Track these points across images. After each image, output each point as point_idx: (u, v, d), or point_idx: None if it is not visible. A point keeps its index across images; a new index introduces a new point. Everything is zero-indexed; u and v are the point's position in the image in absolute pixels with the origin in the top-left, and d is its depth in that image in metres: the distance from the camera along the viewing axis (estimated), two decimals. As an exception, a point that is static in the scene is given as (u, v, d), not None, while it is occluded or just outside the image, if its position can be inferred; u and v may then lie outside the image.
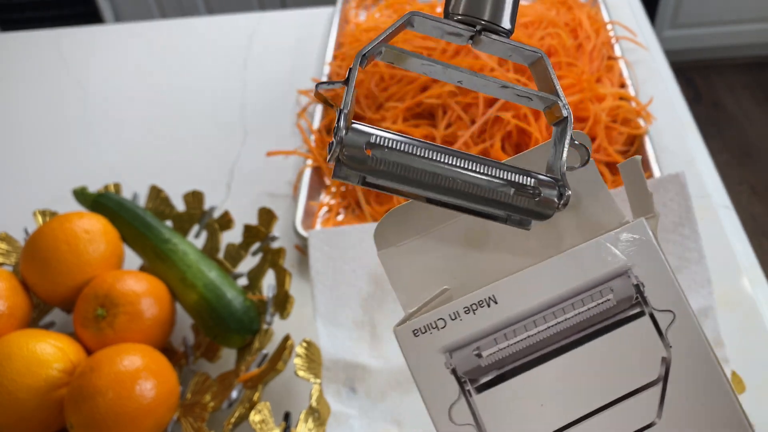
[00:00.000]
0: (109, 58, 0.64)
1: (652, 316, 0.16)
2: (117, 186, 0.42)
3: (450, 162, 0.16)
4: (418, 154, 0.16)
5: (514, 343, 0.16)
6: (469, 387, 0.16)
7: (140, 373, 0.31)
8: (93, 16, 1.27)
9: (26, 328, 0.36)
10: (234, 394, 0.32)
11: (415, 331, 0.16)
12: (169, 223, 0.41)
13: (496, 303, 0.16)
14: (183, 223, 0.41)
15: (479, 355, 0.16)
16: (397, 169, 0.16)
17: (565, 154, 0.16)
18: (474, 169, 0.16)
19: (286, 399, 0.35)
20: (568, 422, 0.16)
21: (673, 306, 0.16)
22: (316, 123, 0.50)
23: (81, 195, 0.41)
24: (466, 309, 0.16)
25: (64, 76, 0.62)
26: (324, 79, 0.54)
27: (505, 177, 0.16)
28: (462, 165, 0.16)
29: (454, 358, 0.16)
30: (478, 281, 0.17)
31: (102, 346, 0.33)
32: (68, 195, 0.43)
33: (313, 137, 0.49)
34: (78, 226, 0.36)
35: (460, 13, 0.18)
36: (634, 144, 0.45)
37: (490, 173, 0.16)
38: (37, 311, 0.39)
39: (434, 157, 0.16)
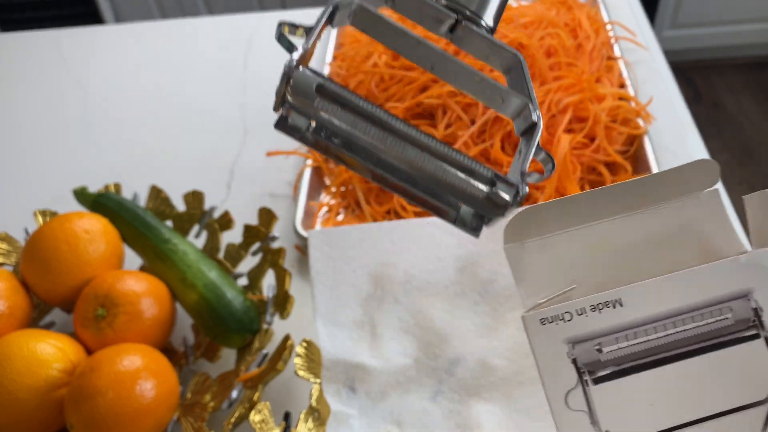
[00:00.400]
0: (109, 58, 0.64)
1: (767, 340, 0.17)
2: (117, 186, 0.42)
3: (403, 130, 0.15)
4: (369, 110, 0.14)
5: (634, 344, 0.17)
6: (587, 377, 0.17)
7: (140, 373, 0.31)
8: (93, 17, 1.28)
9: (26, 328, 0.36)
10: (234, 394, 0.32)
11: (543, 320, 0.17)
12: (169, 223, 0.41)
13: (621, 306, 0.17)
14: (183, 223, 0.41)
15: (600, 351, 0.17)
16: (344, 122, 0.14)
17: (529, 159, 0.16)
18: (430, 145, 0.15)
19: (286, 399, 0.35)
20: (674, 425, 0.17)
21: None
22: (316, 123, 0.50)
23: (81, 195, 0.41)
24: (593, 307, 0.17)
25: (64, 77, 0.62)
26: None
27: (461, 160, 0.15)
28: (416, 137, 0.15)
29: (576, 349, 0.17)
30: (596, 285, 0.18)
31: (102, 346, 0.33)
32: (68, 195, 0.43)
33: (313, 137, 0.49)
34: (78, 226, 0.36)
35: None
36: (634, 144, 0.45)
37: (446, 153, 0.15)
38: (37, 311, 0.39)
39: (386, 120, 0.14)
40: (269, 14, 0.68)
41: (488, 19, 0.17)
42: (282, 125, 0.15)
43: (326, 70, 0.55)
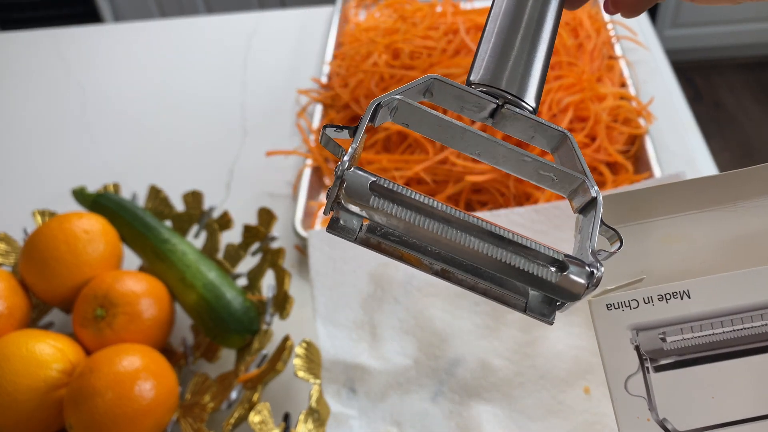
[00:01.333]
0: (108, 57, 0.64)
1: None
2: (116, 186, 0.42)
3: (463, 219, 0.14)
4: (424, 203, 0.14)
5: (699, 336, 0.17)
6: (648, 365, 0.17)
7: (139, 373, 0.31)
8: (92, 16, 1.27)
9: (25, 328, 0.36)
10: (233, 394, 0.32)
11: (609, 305, 0.18)
12: (168, 223, 0.41)
13: (689, 297, 0.17)
14: (182, 223, 0.40)
15: (664, 339, 0.17)
16: (402, 220, 0.14)
17: (596, 237, 0.15)
18: (493, 232, 0.14)
19: (286, 400, 0.35)
20: (733, 420, 0.17)
21: None
22: (316, 123, 0.50)
23: (80, 195, 0.41)
24: (660, 296, 0.17)
25: (64, 76, 0.62)
26: (324, 78, 0.54)
27: (528, 245, 0.15)
28: (478, 225, 0.14)
29: (640, 336, 0.17)
30: (666, 277, 0.18)
31: (101, 347, 0.33)
32: (67, 195, 0.43)
33: (312, 137, 0.49)
34: (77, 226, 0.36)
35: (485, 83, 0.17)
36: (635, 144, 0.45)
37: (512, 239, 0.14)
38: (36, 311, 0.39)
39: (443, 211, 0.14)
40: (269, 13, 0.67)
41: (530, 99, 0.17)
42: (335, 227, 0.15)
43: (326, 70, 0.55)
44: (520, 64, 0.17)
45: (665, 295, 0.17)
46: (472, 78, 0.17)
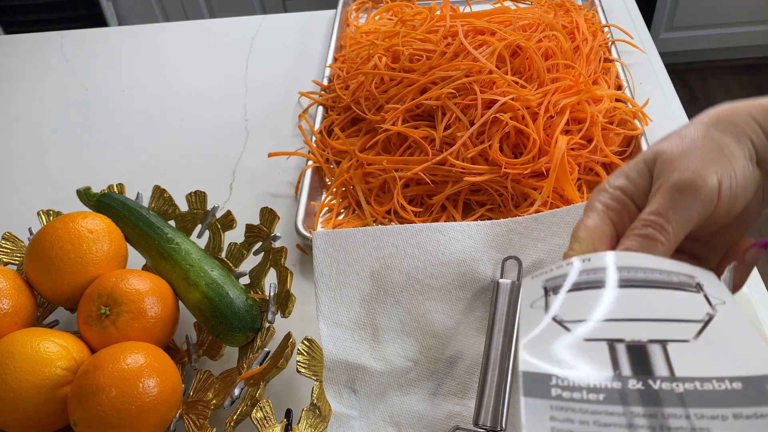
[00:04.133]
0: (112, 60, 0.65)
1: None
2: (120, 186, 0.43)
3: None
4: None
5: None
6: (550, 292, 0.22)
7: (143, 371, 0.31)
8: (96, 19, 1.28)
9: (30, 326, 0.36)
10: (236, 391, 0.32)
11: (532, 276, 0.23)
12: (172, 222, 0.41)
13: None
14: (186, 223, 0.41)
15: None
16: None
17: None
18: None
19: (288, 396, 0.35)
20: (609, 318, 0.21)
21: None
22: (317, 124, 0.50)
23: (85, 195, 0.41)
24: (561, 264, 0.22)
25: (68, 78, 0.63)
26: (325, 81, 0.55)
27: None
28: None
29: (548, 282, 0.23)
30: None
31: (105, 345, 0.33)
32: (72, 195, 0.43)
33: (314, 138, 0.49)
34: (82, 225, 0.37)
35: (488, 425, 0.29)
36: (631, 145, 0.46)
37: None
38: (41, 310, 0.39)
39: None
40: (271, 17, 0.68)
41: (503, 423, 0.28)
42: None
43: (327, 72, 0.55)
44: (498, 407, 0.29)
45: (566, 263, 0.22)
46: (480, 421, 0.29)
